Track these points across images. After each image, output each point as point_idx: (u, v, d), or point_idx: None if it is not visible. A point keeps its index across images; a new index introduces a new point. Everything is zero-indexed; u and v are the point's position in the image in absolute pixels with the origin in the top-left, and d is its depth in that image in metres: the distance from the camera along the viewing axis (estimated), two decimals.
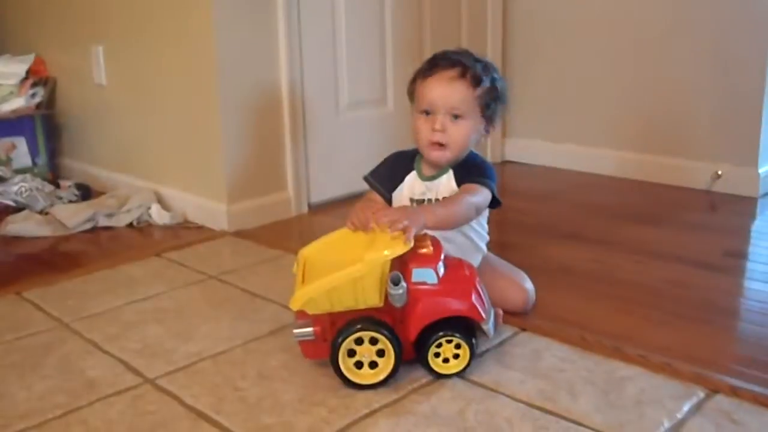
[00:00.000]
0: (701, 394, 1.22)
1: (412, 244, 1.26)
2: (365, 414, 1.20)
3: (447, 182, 1.51)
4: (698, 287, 1.69)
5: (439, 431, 1.15)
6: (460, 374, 1.30)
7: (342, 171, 2.44)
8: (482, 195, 1.46)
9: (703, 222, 2.21)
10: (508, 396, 1.24)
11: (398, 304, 1.25)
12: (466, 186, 1.47)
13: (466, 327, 1.29)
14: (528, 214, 2.28)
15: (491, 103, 1.49)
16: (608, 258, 1.89)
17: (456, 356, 1.29)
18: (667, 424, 1.14)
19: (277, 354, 1.41)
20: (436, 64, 1.48)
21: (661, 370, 1.30)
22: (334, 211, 2.37)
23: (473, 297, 1.28)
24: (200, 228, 2.23)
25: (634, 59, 2.60)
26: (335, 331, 1.26)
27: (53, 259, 2.03)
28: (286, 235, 2.17)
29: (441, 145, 1.47)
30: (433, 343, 1.27)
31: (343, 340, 1.25)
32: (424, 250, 1.28)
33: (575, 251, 1.95)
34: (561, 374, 1.31)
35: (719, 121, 2.42)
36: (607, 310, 1.59)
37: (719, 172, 2.41)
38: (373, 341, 1.25)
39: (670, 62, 2.50)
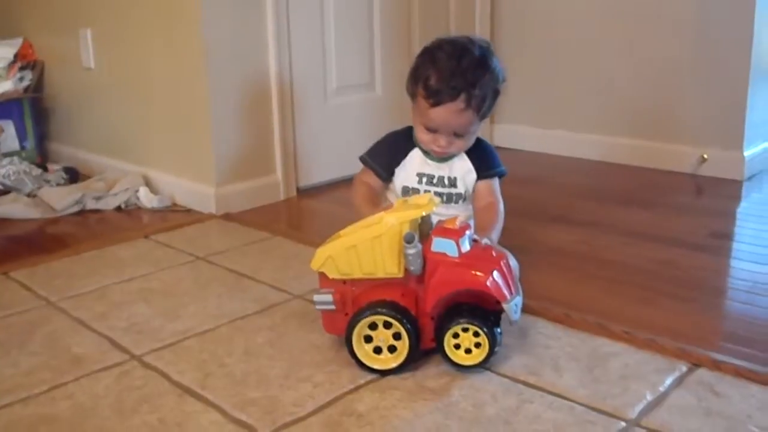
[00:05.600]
0: (684, 368, 1.24)
1: (433, 208, 1.27)
2: (351, 389, 1.21)
3: (461, 162, 1.55)
4: (684, 267, 1.71)
5: (424, 406, 1.15)
6: (481, 366, 1.24)
7: (330, 155, 2.44)
8: (498, 190, 1.58)
9: (690, 204, 2.22)
10: (492, 371, 1.25)
11: (413, 268, 1.22)
12: (487, 189, 1.57)
13: (489, 316, 1.24)
14: (516, 198, 2.27)
15: (491, 107, 1.52)
16: (595, 239, 1.90)
17: (478, 345, 1.23)
18: (649, 397, 1.15)
19: (264, 332, 1.41)
20: (440, 92, 1.44)
21: (646, 346, 1.31)
22: (322, 194, 2.38)
23: (495, 274, 1.22)
24: (188, 211, 2.22)
25: (620, 45, 2.61)
26: (356, 308, 1.26)
27: (41, 241, 2.03)
28: (275, 218, 2.17)
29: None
30: (449, 330, 1.23)
31: (354, 326, 1.24)
32: (449, 225, 1.26)
33: (563, 233, 1.96)
34: (546, 350, 1.31)
35: (705, 105, 2.43)
36: (593, 289, 1.60)
37: (705, 156, 2.43)
38: (387, 325, 1.24)
39: (656, 47, 2.51)
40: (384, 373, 1.25)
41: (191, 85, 2.17)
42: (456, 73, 1.43)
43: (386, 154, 1.59)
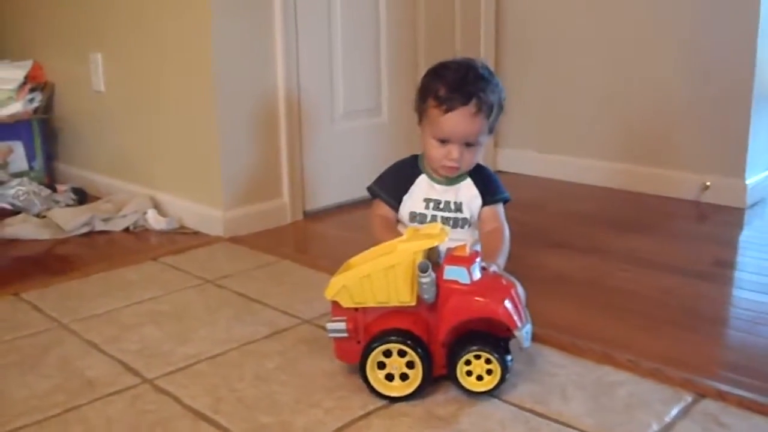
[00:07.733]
0: (689, 399, 1.25)
1: (445, 239, 1.29)
2: (361, 415, 1.22)
3: (467, 188, 1.59)
4: (687, 295, 1.72)
5: None
6: (491, 393, 1.27)
7: (337, 179, 2.46)
8: (503, 216, 1.62)
9: (693, 232, 2.24)
10: (500, 399, 1.26)
11: (427, 296, 1.24)
12: (493, 214, 1.60)
13: (500, 344, 1.27)
14: (520, 223, 2.29)
15: (497, 119, 1.57)
16: (599, 267, 1.92)
17: (489, 372, 1.26)
18: (655, 427, 1.17)
19: (274, 357, 1.43)
20: (452, 98, 1.49)
21: (651, 375, 1.33)
22: (329, 218, 2.40)
23: (506, 301, 1.25)
24: (196, 234, 2.24)
25: (623, 72, 2.64)
26: (368, 336, 1.27)
27: (51, 262, 2.05)
28: (282, 241, 2.19)
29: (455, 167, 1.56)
30: (461, 358, 1.25)
31: (370, 353, 1.25)
32: (459, 253, 1.28)
33: (567, 260, 1.98)
34: (553, 379, 1.33)
35: (707, 132, 2.46)
36: (598, 317, 1.62)
37: (708, 183, 2.45)
38: (402, 353, 1.25)
39: (659, 74, 2.54)
40: (394, 399, 1.26)
41: (200, 108, 2.20)
42: (464, 82, 1.50)
43: (393, 183, 1.62)
